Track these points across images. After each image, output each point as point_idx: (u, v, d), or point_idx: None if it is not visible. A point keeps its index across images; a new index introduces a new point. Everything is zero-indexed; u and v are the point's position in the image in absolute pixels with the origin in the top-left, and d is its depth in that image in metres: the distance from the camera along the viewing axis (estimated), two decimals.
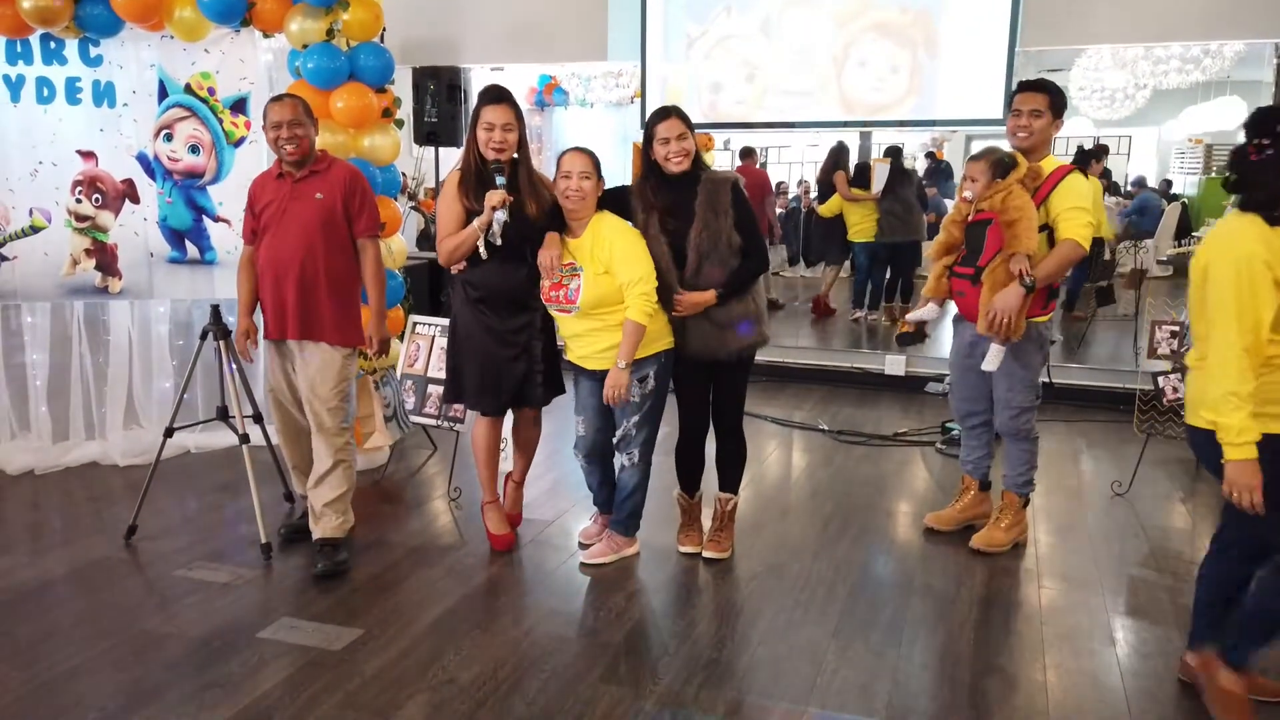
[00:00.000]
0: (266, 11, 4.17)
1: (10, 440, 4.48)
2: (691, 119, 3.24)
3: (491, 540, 3.55)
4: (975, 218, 3.31)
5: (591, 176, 3.12)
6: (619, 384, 3.14)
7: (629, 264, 3.09)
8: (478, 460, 3.52)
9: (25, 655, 2.75)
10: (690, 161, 3.18)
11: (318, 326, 3.31)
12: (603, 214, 3.19)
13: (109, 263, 4.46)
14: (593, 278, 3.11)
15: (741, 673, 2.71)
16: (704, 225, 3.14)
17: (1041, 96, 3.29)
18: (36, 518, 3.88)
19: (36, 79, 4.29)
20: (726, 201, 3.15)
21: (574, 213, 3.15)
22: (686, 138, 3.16)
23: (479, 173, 3.21)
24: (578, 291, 3.12)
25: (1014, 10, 5.52)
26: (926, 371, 6.18)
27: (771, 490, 4.32)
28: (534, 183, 3.25)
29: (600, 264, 3.10)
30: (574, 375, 3.40)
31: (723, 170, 3.30)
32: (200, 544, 3.58)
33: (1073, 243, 3.18)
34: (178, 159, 4.40)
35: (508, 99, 3.21)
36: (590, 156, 3.16)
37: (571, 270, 3.15)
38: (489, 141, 3.16)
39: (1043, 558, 3.53)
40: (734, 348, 3.23)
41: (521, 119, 3.25)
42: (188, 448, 4.60)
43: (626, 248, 3.11)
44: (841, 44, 5.94)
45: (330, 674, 2.66)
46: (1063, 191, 3.23)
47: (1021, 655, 2.83)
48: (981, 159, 3.28)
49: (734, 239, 3.16)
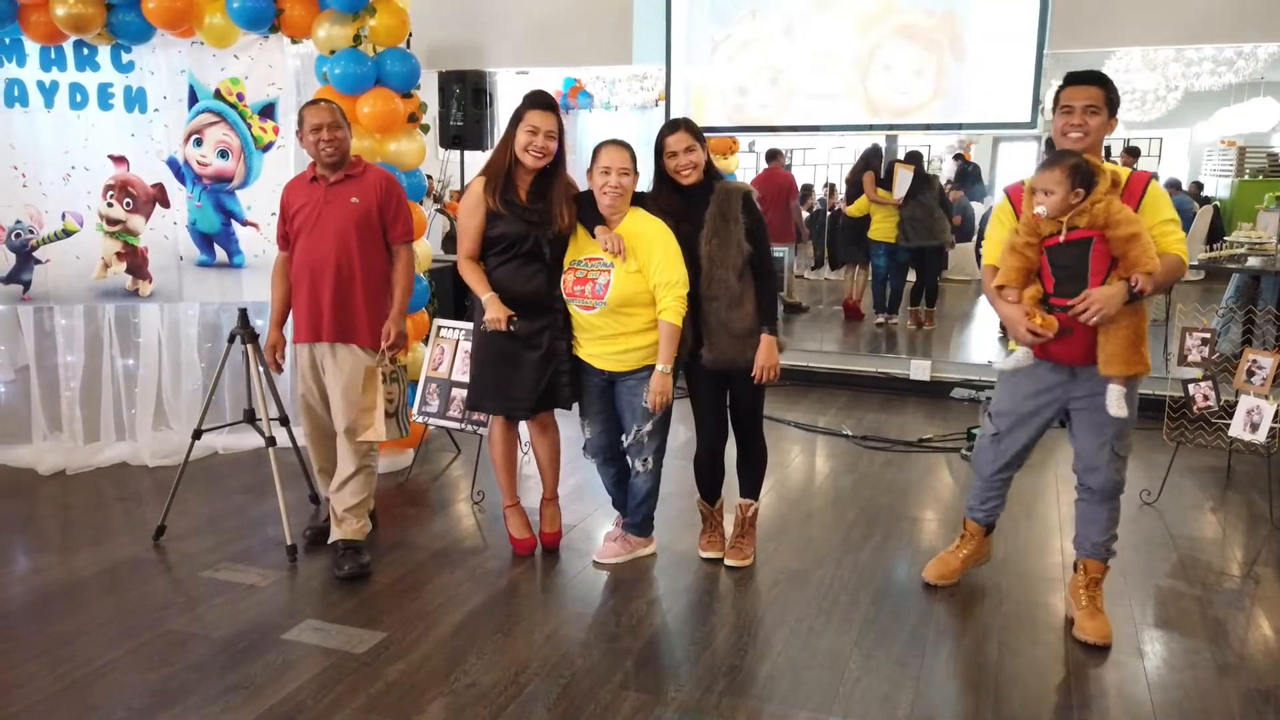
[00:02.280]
0: (295, 17, 4.21)
1: (43, 440, 4.56)
2: (717, 123, 3.25)
3: (514, 545, 3.56)
4: (1069, 236, 2.74)
5: (630, 172, 3.11)
6: (664, 389, 3.14)
7: (668, 266, 3.08)
8: (495, 465, 3.54)
9: (56, 653, 2.79)
10: (700, 173, 3.16)
11: (352, 329, 3.34)
12: (637, 210, 3.18)
13: (139, 266, 4.53)
14: (624, 274, 3.09)
15: (763, 681, 2.70)
16: (714, 232, 3.12)
17: (1097, 90, 2.80)
18: (67, 517, 3.94)
19: (70, 85, 4.36)
20: (737, 209, 3.13)
21: (611, 207, 3.13)
22: (695, 150, 3.14)
23: (509, 172, 3.21)
24: (606, 287, 3.10)
25: (1043, 12, 5.47)
26: (952, 377, 6.13)
27: (794, 496, 4.30)
28: (567, 195, 3.24)
29: (634, 261, 3.09)
30: (584, 376, 3.35)
31: (736, 181, 3.29)
32: (227, 545, 3.62)
33: (1178, 258, 2.74)
34: (207, 164, 4.45)
35: (555, 108, 3.21)
36: (629, 151, 3.15)
37: (600, 265, 3.13)
38: (529, 145, 3.13)
39: (1069, 567, 3.48)
40: (752, 356, 3.19)
41: (564, 131, 3.24)
42: (216, 449, 4.65)
43: (667, 248, 3.10)
44: (866, 47, 5.91)
45: (353, 677, 2.68)
46: (1154, 203, 2.77)
47: (1047, 666, 2.80)
48: (1056, 167, 2.71)
49: (744, 246, 3.13)
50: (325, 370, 3.40)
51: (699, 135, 3.19)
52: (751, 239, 3.15)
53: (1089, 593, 3.02)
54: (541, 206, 3.20)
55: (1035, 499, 4.22)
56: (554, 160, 3.21)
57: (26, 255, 4.42)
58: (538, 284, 3.24)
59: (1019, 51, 5.58)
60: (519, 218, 3.18)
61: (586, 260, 3.17)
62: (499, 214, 3.17)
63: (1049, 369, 2.93)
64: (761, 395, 3.37)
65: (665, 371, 3.13)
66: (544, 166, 3.19)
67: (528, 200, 3.20)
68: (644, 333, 3.17)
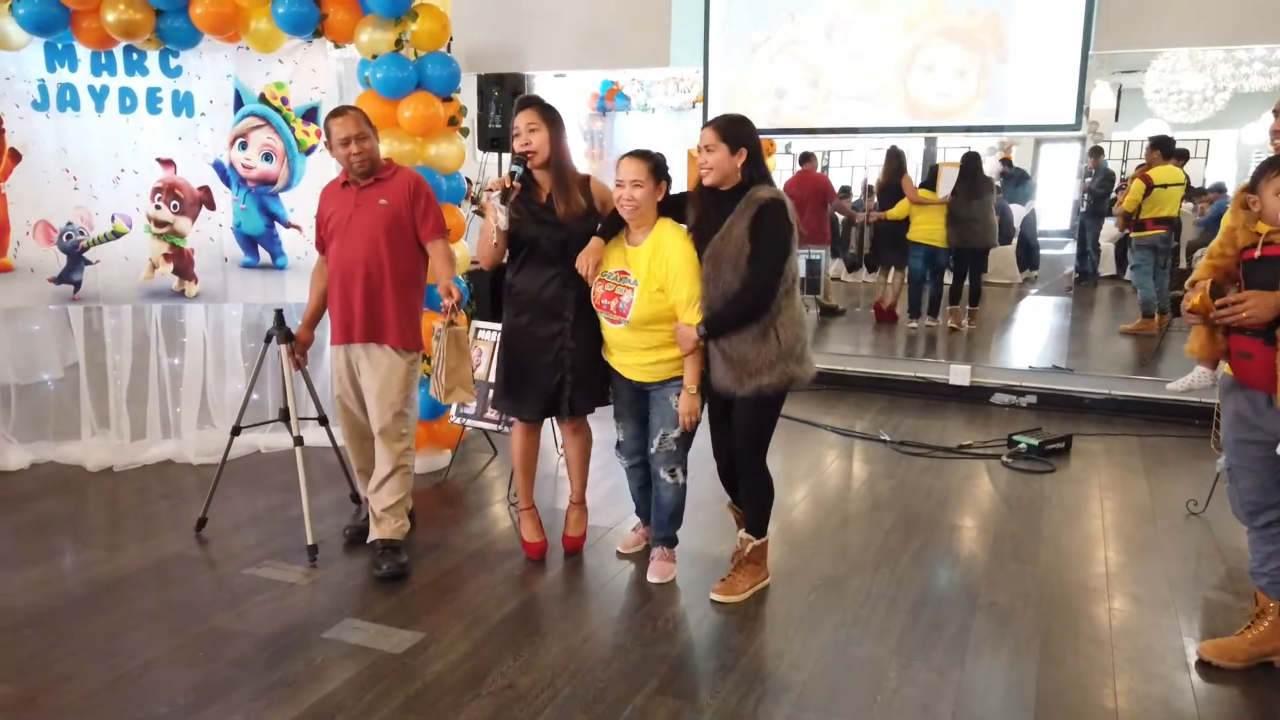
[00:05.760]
0: (338, 22, 4.27)
1: (91, 437, 4.65)
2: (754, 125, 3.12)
3: (525, 548, 3.57)
4: (1265, 252, 2.51)
5: (644, 184, 3.03)
6: (693, 410, 3.12)
7: (685, 283, 3.03)
8: (515, 466, 3.58)
9: (103, 648, 2.85)
10: (718, 174, 3.00)
11: (382, 329, 3.38)
12: (664, 223, 3.12)
13: (186, 267, 4.61)
14: (647, 295, 3.07)
15: (799, 688, 2.68)
16: (723, 235, 2.99)
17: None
18: (115, 513, 4.02)
19: (120, 89, 4.45)
20: (754, 214, 2.95)
21: (631, 220, 3.11)
22: (716, 150, 2.98)
23: (530, 175, 3.28)
24: (629, 306, 3.09)
25: (1087, 12, 5.38)
26: (992, 382, 6.06)
27: (831, 501, 4.27)
28: (566, 184, 3.25)
29: (656, 280, 3.06)
30: (614, 380, 3.36)
31: (767, 190, 3.01)
32: (268, 542, 3.67)
33: None
34: (252, 166, 4.52)
35: (535, 102, 3.28)
36: (644, 162, 3.06)
37: (625, 282, 3.11)
38: (516, 144, 3.25)
39: (1113, 577, 3.43)
40: (748, 387, 3.01)
41: (551, 119, 3.25)
42: (258, 447, 4.73)
43: (683, 265, 3.04)
44: (907, 48, 5.86)
45: (392, 676, 2.71)
46: None
47: (1090, 678, 2.75)
48: (1271, 171, 2.43)
49: (746, 250, 2.94)
50: (360, 372, 3.45)
51: (726, 134, 2.99)
52: (753, 249, 2.94)
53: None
54: (552, 206, 3.24)
55: (1078, 507, 4.15)
56: (556, 155, 3.23)
57: (77, 256, 4.52)
58: (552, 290, 3.27)
59: (1063, 52, 5.50)
60: (534, 217, 3.25)
61: (617, 273, 3.14)
62: (518, 216, 3.22)
63: (1247, 396, 2.65)
64: (761, 428, 3.14)
65: (693, 392, 3.11)
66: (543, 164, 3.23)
67: (546, 201, 3.26)
68: (672, 345, 3.14)
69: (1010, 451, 4.87)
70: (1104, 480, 4.52)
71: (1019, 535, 3.83)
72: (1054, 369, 6.04)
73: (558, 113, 3.29)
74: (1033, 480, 4.52)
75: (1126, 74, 6.74)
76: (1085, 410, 5.73)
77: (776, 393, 3.06)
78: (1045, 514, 4.07)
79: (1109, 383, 5.81)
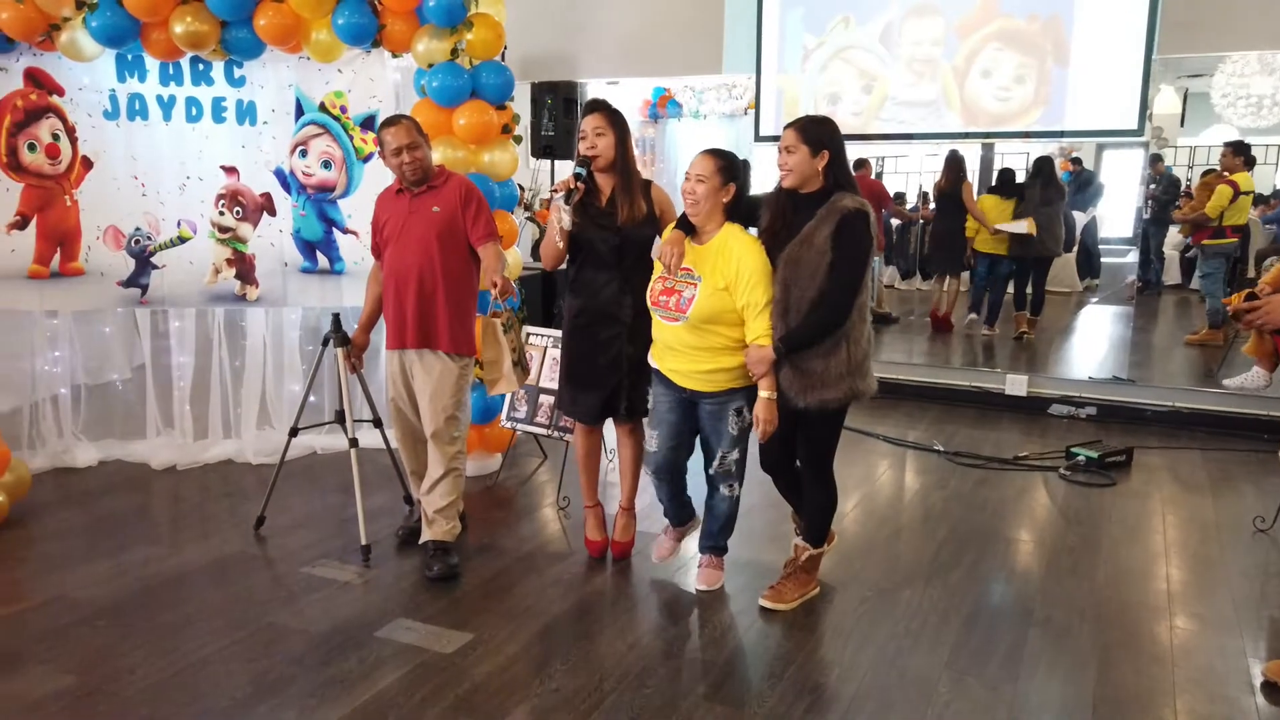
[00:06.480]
0: (396, 33, 4.34)
1: (156, 436, 4.80)
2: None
3: (586, 545, 3.62)
4: None
5: (708, 179, 2.97)
6: (771, 417, 2.98)
7: (757, 286, 2.94)
8: (578, 465, 3.63)
9: (166, 642, 2.93)
10: (798, 177, 2.95)
11: (434, 335, 3.43)
12: (733, 227, 3.05)
13: (247, 272, 4.73)
14: (710, 291, 2.97)
15: (848, 701, 2.66)
16: (804, 240, 2.91)
17: None
18: (177, 511, 4.14)
19: (186, 99, 4.59)
20: (832, 225, 2.88)
21: (693, 216, 3.02)
22: (795, 151, 2.92)
23: (592, 178, 3.31)
24: (690, 302, 2.99)
25: (1151, 15, 5.26)
26: (1050, 393, 5.93)
27: (882, 512, 4.22)
28: (631, 188, 3.28)
29: (721, 278, 2.97)
30: (655, 386, 3.24)
31: (854, 198, 2.93)
32: (324, 542, 3.74)
33: None
34: (311, 174, 4.62)
35: (603, 107, 3.31)
36: (713, 159, 3.01)
37: (688, 278, 3.03)
38: (582, 145, 3.29)
39: (1175, 595, 3.34)
40: (812, 399, 2.95)
41: (617, 123, 3.29)
42: (314, 448, 4.83)
43: (756, 268, 2.95)
44: (964, 53, 5.79)
45: (442, 676, 2.74)
46: None
47: (1150, 698, 2.68)
48: None
49: (828, 259, 2.87)
50: (414, 376, 3.50)
51: (808, 135, 2.92)
52: (833, 262, 2.87)
53: None
54: (612, 211, 3.27)
55: (1138, 523, 4.05)
56: (621, 159, 3.28)
57: (145, 261, 4.66)
58: (609, 293, 3.30)
59: (1126, 56, 5.39)
60: (592, 221, 3.29)
61: (680, 270, 3.07)
62: (578, 219, 3.25)
63: None
64: (821, 440, 3.12)
65: (770, 398, 2.97)
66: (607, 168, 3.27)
67: (606, 205, 3.29)
68: (732, 352, 3.03)
69: (1068, 464, 4.76)
70: (1166, 495, 4.40)
71: (1077, 549, 3.74)
72: (1114, 380, 5.90)
73: (623, 117, 3.33)
74: (1091, 494, 4.42)
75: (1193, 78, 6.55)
76: (1147, 423, 5.58)
77: (841, 406, 3.03)
78: (1104, 528, 3.97)
79: (1172, 394, 5.65)
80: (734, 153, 3.08)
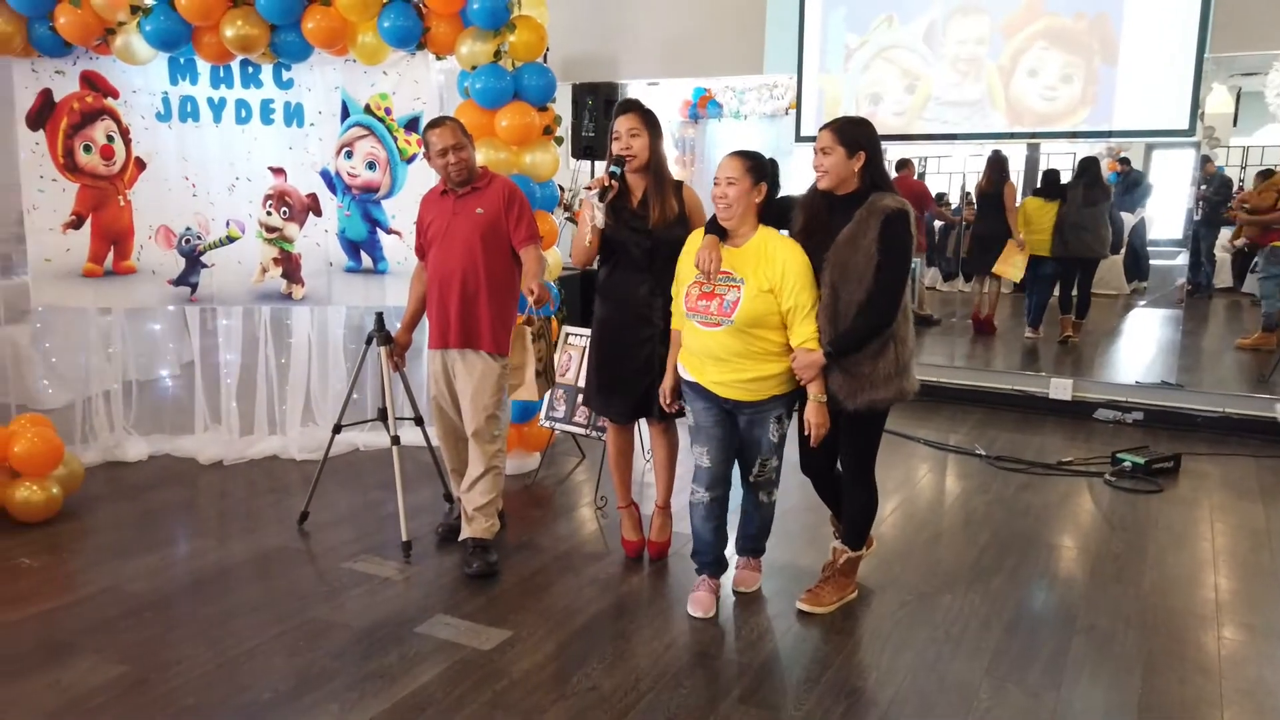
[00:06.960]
0: (440, 35, 4.39)
1: (204, 432, 4.90)
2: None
3: (624, 545, 3.64)
4: None
5: (738, 180, 2.90)
6: (824, 421, 2.95)
7: (804, 289, 2.90)
8: (610, 466, 3.65)
9: (211, 634, 2.99)
10: (834, 178, 2.92)
11: (476, 335, 3.47)
12: (770, 230, 3.00)
13: (293, 271, 4.81)
14: (755, 292, 2.90)
15: (886, 705, 2.64)
16: (850, 243, 2.87)
17: None
18: (223, 506, 4.22)
19: (236, 101, 4.68)
20: (876, 226, 2.86)
21: (726, 220, 2.96)
22: (831, 152, 2.89)
23: (623, 179, 3.32)
24: (735, 305, 2.91)
25: (1204, 13, 5.15)
26: (1095, 397, 5.83)
27: (922, 516, 4.18)
28: (663, 189, 3.29)
29: (766, 280, 2.91)
30: (693, 401, 3.12)
31: (894, 198, 2.91)
32: (365, 538, 3.80)
33: None
34: (356, 175, 4.69)
35: (636, 107, 3.32)
36: (741, 160, 2.95)
37: (730, 281, 2.95)
38: (617, 147, 3.29)
39: (1223, 604, 3.27)
40: (861, 400, 2.94)
41: (651, 124, 3.30)
42: (357, 445, 4.90)
43: (801, 270, 2.90)
44: (1009, 52, 5.71)
45: (480, 672, 2.77)
46: None
47: (1196, 709, 2.63)
48: None
49: (875, 261, 2.85)
50: (456, 375, 3.54)
51: (844, 136, 2.90)
52: (879, 264, 2.84)
53: None
54: (644, 213, 3.28)
55: (1186, 530, 3.97)
56: (654, 160, 3.29)
57: (194, 260, 4.77)
58: (640, 295, 3.32)
59: (1177, 55, 5.27)
60: (624, 223, 3.30)
61: (719, 273, 3.00)
62: (610, 220, 3.27)
63: None
64: (871, 440, 3.10)
65: (822, 401, 2.94)
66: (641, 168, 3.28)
67: (638, 207, 3.30)
68: (775, 359, 2.96)
69: (1114, 469, 4.68)
70: (1215, 502, 4.31)
71: (1122, 556, 3.68)
72: (1163, 385, 5.78)
73: (657, 118, 3.34)
74: (1138, 500, 4.34)
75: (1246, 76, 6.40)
76: (1196, 429, 5.47)
77: (887, 407, 3.02)
78: (1151, 535, 3.90)
79: (1223, 400, 5.53)
80: (760, 153, 3.05)
